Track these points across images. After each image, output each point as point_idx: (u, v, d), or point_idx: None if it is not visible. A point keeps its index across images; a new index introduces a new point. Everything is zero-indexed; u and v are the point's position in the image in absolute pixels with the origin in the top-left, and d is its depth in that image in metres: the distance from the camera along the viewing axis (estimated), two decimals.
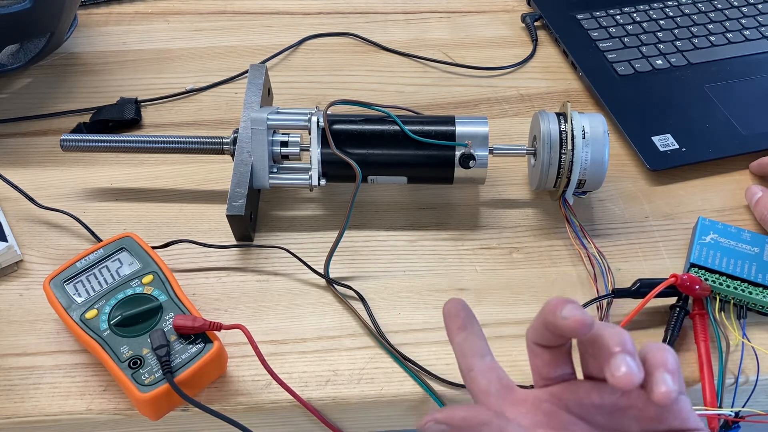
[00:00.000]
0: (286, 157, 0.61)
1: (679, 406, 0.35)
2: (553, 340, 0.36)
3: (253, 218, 0.59)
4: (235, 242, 0.59)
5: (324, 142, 0.58)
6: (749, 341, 0.52)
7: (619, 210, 0.62)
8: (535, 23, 0.81)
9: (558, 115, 0.59)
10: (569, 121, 0.57)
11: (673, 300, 0.53)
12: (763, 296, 0.53)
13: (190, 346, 0.48)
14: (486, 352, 0.39)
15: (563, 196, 0.59)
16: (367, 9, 0.84)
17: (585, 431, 0.35)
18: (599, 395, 0.35)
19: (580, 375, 0.38)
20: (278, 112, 0.59)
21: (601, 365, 0.33)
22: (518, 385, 0.47)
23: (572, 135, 0.57)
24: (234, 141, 0.60)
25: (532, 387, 0.41)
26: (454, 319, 0.40)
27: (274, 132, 0.61)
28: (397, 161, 0.59)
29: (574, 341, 0.37)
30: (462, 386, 0.50)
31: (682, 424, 0.34)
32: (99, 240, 0.59)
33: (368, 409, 0.51)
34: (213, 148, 0.61)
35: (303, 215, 0.62)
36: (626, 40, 0.77)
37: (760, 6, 0.80)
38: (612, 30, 0.78)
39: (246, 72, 0.74)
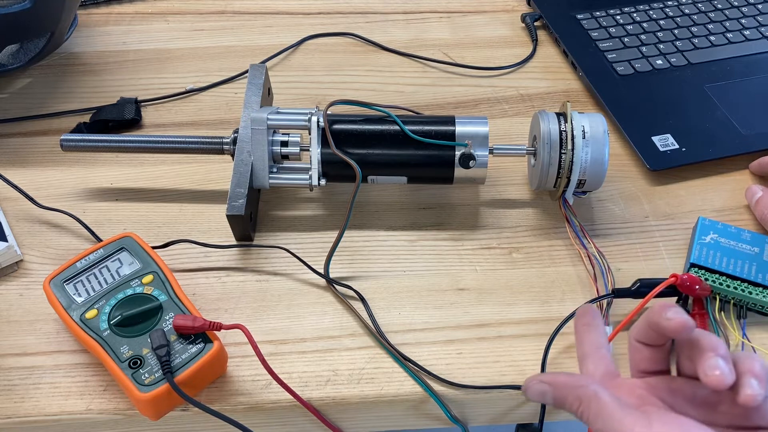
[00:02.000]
0: (286, 157, 0.61)
1: (765, 407, 0.37)
2: (655, 339, 0.40)
3: (253, 218, 0.59)
4: (235, 242, 0.59)
5: (324, 142, 0.58)
6: (749, 341, 0.52)
7: (619, 210, 0.62)
8: (535, 23, 0.81)
9: (558, 115, 0.59)
10: (569, 121, 0.57)
11: (673, 300, 0.53)
12: (763, 296, 0.53)
13: (190, 346, 0.48)
14: (602, 345, 0.43)
15: (563, 196, 0.59)
16: (367, 9, 0.84)
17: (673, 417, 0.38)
18: (692, 389, 0.39)
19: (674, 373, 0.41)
20: (278, 112, 0.59)
21: (696, 366, 0.37)
22: None
23: (572, 135, 0.57)
24: (234, 141, 0.60)
25: None
26: (583, 317, 0.44)
27: (274, 132, 0.61)
28: (397, 161, 0.59)
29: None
30: (462, 386, 0.50)
31: (764, 422, 0.38)
32: (99, 240, 0.59)
33: (368, 409, 0.51)
34: (213, 148, 0.61)
35: (303, 215, 0.62)
36: (626, 40, 0.77)
37: (760, 6, 0.80)
38: (612, 30, 0.78)
39: (246, 72, 0.74)
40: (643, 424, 0.36)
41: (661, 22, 0.79)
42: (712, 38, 0.77)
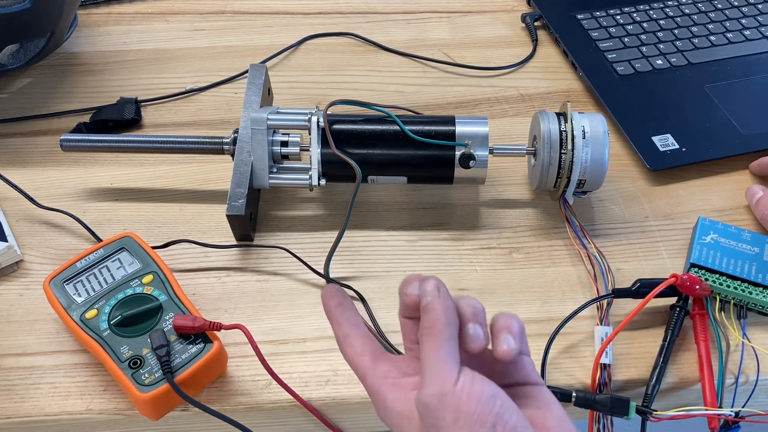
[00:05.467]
0: (286, 157, 0.61)
1: (522, 363, 0.40)
2: (412, 312, 0.40)
3: (253, 218, 0.59)
4: (235, 242, 0.59)
5: (324, 142, 0.58)
6: (749, 341, 0.52)
7: (619, 210, 0.62)
8: (535, 23, 0.81)
9: (558, 115, 0.59)
10: (569, 121, 0.57)
11: (673, 300, 0.53)
12: (763, 296, 0.53)
13: (190, 346, 0.48)
14: (361, 324, 0.42)
15: (563, 196, 0.59)
16: (367, 9, 0.84)
17: None
18: (463, 354, 0.38)
19: None
20: (278, 112, 0.59)
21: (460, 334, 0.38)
22: None
23: (572, 135, 0.57)
24: (234, 141, 0.60)
25: None
26: (332, 298, 0.43)
27: (274, 132, 0.61)
28: (397, 161, 0.59)
29: None
30: None
31: (526, 379, 0.40)
32: (99, 240, 0.59)
33: (368, 409, 0.51)
34: (213, 148, 0.61)
35: (303, 215, 0.62)
36: (626, 40, 0.77)
37: (760, 6, 0.80)
38: (612, 30, 0.78)
39: (246, 72, 0.74)
40: (456, 370, 0.36)
41: (661, 22, 0.79)
42: (712, 38, 0.77)
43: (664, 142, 0.65)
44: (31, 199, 0.61)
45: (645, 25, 0.79)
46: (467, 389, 0.35)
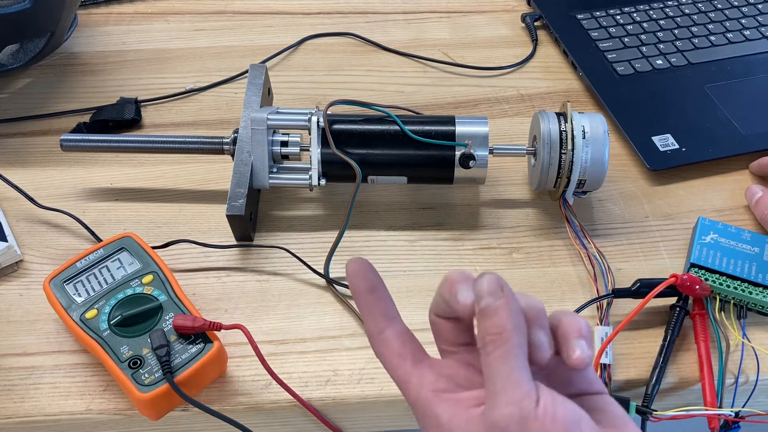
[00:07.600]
0: (286, 157, 0.61)
1: (588, 370, 0.35)
2: (453, 314, 0.35)
3: (253, 218, 0.59)
4: (235, 242, 0.59)
5: (324, 142, 0.58)
6: (749, 341, 0.52)
7: (619, 210, 0.62)
8: (535, 23, 0.81)
9: (558, 115, 0.59)
10: (569, 121, 0.57)
11: (673, 300, 0.53)
12: (763, 296, 0.53)
13: (190, 346, 0.48)
14: (397, 316, 0.37)
15: (563, 196, 0.59)
16: (367, 9, 0.84)
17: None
18: None
19: None
20: (278, 112, 0.59)
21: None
22: None
23: (572, 135, 0.57)
24: (234, 141, 0.60)
25: None
26: (362, 279, 0.37)
27: (274, 132, 0.61)
28: (397, 161, 0.59)
29: None
30: None
31: (589, 387, 0.35)
32: (99, 240, 0.59)
33: (368, 409, 0.51)
34: (213, 148, 0.61)
35: (303, 215, 0.62)
36: (626, 40, 0.77)
37: (760, 6, 0.80)
38: (612, 30, 0.78)
39: (246, 72, 0.74)
40: (533, 388, 0.31)
41: (661, 22, 0.79)
42: (712, 38, 0.77)
43: (664, 142, 0.65)
44: (31, 199, 0.61)
45: (645, 25, 0.79)
46: (551, 413, 0.30)
